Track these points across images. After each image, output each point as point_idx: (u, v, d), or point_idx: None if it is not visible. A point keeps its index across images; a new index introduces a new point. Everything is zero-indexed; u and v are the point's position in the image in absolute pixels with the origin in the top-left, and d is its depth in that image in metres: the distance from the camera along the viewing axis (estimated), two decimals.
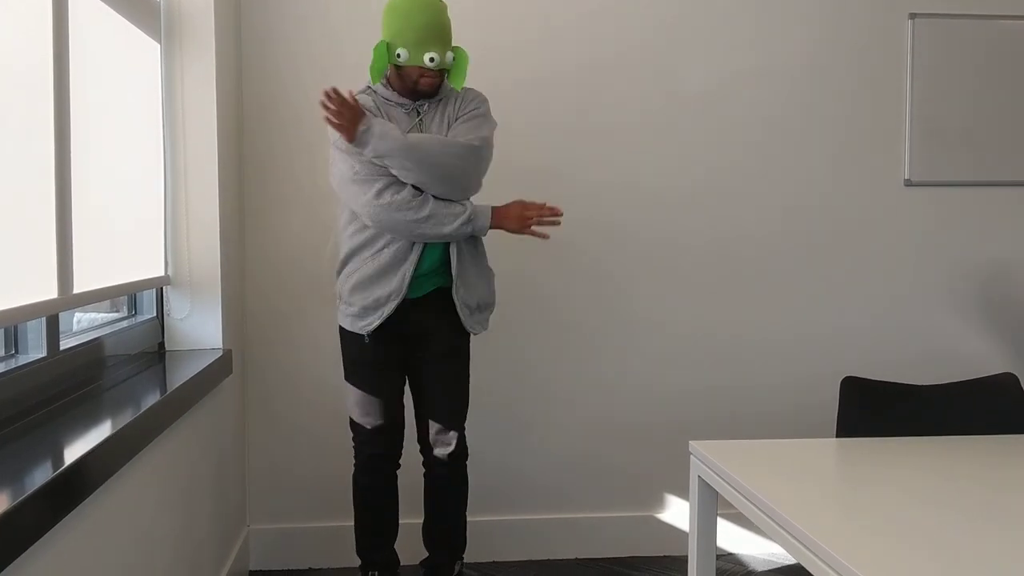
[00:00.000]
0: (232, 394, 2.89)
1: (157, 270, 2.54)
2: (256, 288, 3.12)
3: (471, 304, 2.52)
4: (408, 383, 2.64)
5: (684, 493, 3.28)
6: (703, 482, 1.89)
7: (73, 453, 1.42)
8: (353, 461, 2.65)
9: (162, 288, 2.62)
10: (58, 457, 1.41)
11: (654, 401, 3.29)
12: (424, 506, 2.68)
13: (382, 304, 2.47)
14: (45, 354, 1.77)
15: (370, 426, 2.56)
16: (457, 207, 2.45)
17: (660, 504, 3.31)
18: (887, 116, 3.35)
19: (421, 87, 2.45)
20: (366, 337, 2.50)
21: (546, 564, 3.18)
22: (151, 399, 1.90)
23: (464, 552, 2.72)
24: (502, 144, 2.61)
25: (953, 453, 1.89)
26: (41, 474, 1.30)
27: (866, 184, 3.36)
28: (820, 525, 1.43)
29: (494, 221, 2.50)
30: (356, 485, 2.64)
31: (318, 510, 3.15)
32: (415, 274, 2.46)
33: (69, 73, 1.79)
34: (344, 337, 2.60)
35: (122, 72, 2.26)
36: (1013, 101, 3.39)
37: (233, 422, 2.91)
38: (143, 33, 2.41)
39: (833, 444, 2.02)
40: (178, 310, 2.64)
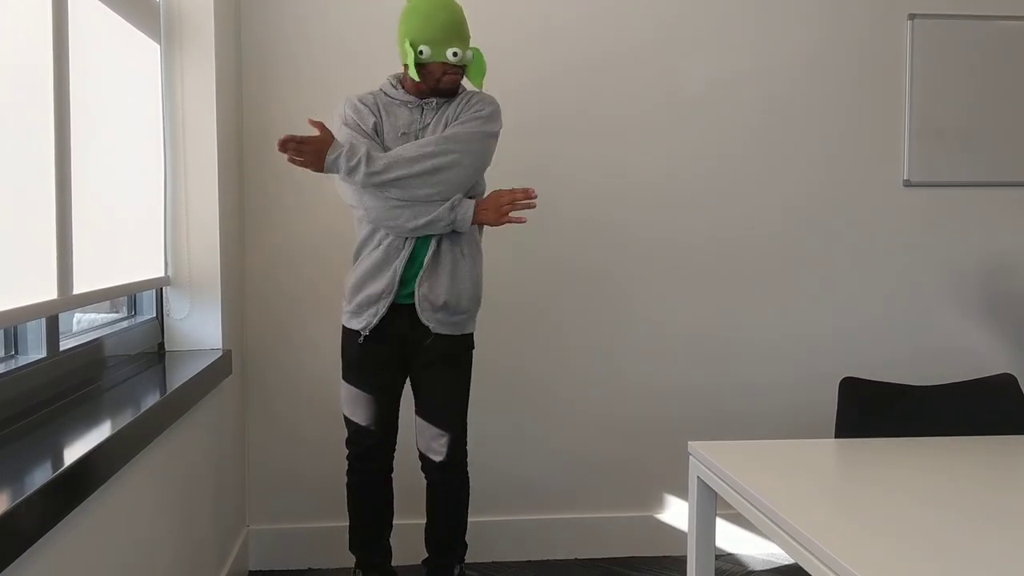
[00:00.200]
0: (232, 394, 2.89)
1: (157, 270, 2.54)
2: (256, 288, 3.13)
3: (435, 301, 2.46)
4: (410, 384, 2.64)
5: (683, 493, 3.29)
6: (702, 482, 1.89)
7: (73, 453, 1.42)
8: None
9: (162, 288, 2.62)
10: (58, 457, 1.41)
11: (653, 401, 3.29)
12: (425, 507, 2.68)
13: (374, 302, 2.47)
14: (45, 355, 1.77)
15: (361, 424, 2.56)
16: (433, 204, 2.41)
17: (659, 504, 3.31)
18: (886, 116, 3.36)
19: (444, 84, 2.45)
20: (360, 336, 2.51)
21: (546, 564, 3.18)
22: (151, 399, 1.90)
23: (464, 555, 2.72)
24: (502, 143, 2.61)
25: (952, 453, 1.90)
26: (41, 474, 1.30)
27: (865, 184, 3.36)
28: (819, 525, 1.43)
29: (474, 216, 2.46)
30: (348, 483, 2.65)
31: (317, 510, 3.16)
32: (407, 272, 2.46)
33: (69, 74, 1.79)
34: (344, 335, 2.60)
35: (122, 73, 2.26)
36: (1012, 101, 3.39)
37: (233, 422, 2.91)
38: (143, 34, 2.41)
39: (832, 444, 2.02)
40: (178, 310, 2.64)
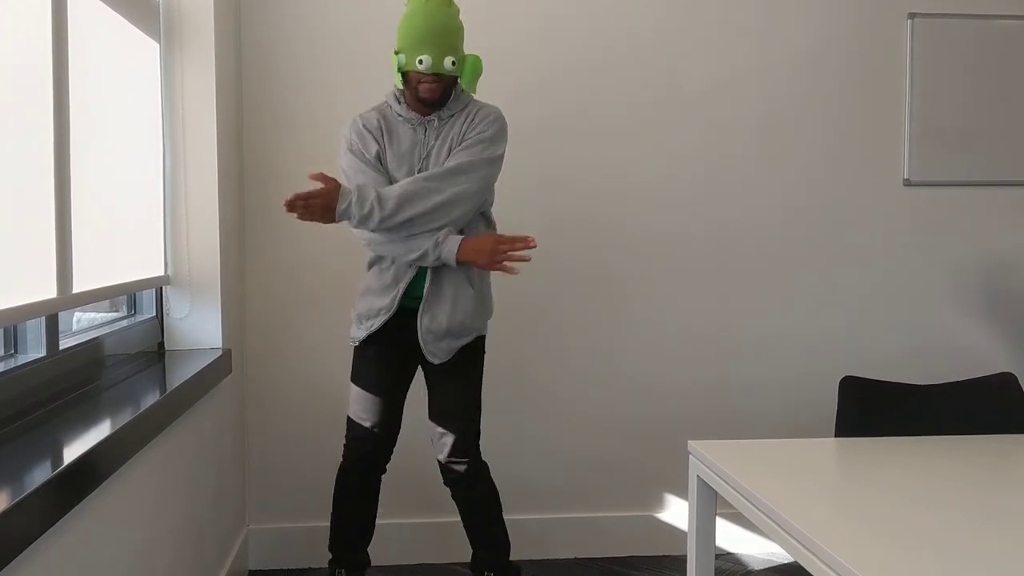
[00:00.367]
0: (232, 394, 2.89)
1: (157, 270, 2.54)
2: (256, 288, 3.13)
3: (436, 331, 2.46)
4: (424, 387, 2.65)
5: (683, 493, 3.28)
6: (702, 482, 1.89)
7: (72, 452, 1.42)
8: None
9: (162, 288, 2.62)
10: (57, 456, 1.41)
11: (653, 400, 3.29)
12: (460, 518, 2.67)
13: (373, 316, 2.51)
14: (44, 354, 1.77)
15: (363, 424, 2.56)
16: (423, 237, 2.37)
17: (659, 504, 3.31)
18: (886, 116, 3.36)
19: (421, 94, 2.40)
20: (357, 341, 2.55)
21: (546, 564, 3.18)
22: (150, 399, 1.90)
23: (505, 553, 2.65)
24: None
25: (952, 453, 1.89)
26: (40, 473, 1.30)
27: (865, 183, 3.36)
28: (819, 525, 1.43)
29: (461, 254, 2.36)
30: (339, 483, 2.64)
31: (317, 510, 3.15)
32: (409, 293, 2.48)
33: (68, 73, 1.79)
34: (352, 339, 2.62)
35: (121, 72, 2.26)
36: (1012, 101, 3.39)
37: (233, 422, 2.91)
38: (142, 33, 2.41)
39: (832, 444, 2.02)
40: (177, 310, 2.64)
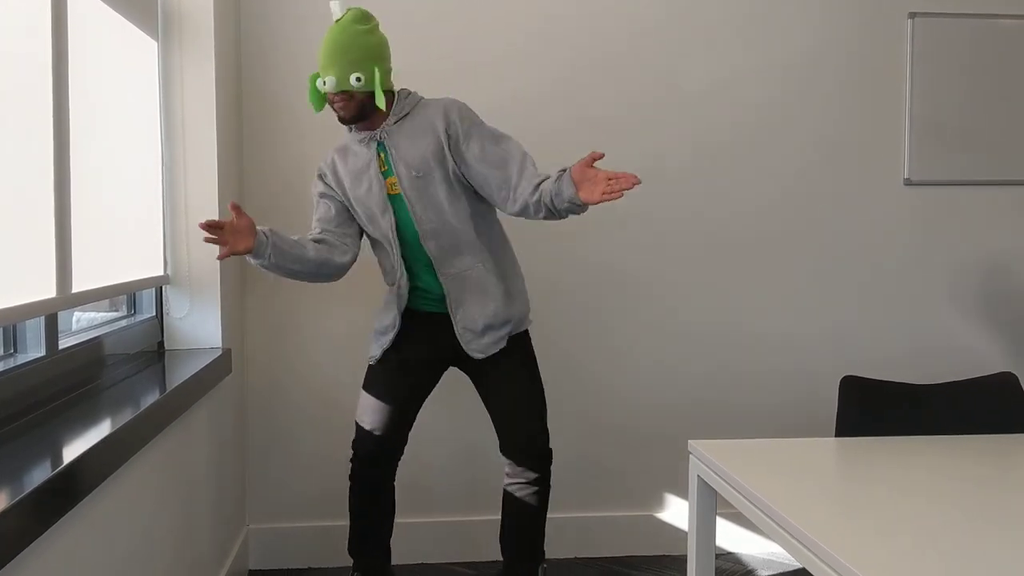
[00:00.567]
0: (231, 393, 2.89)
1: (156, 269, 2.53)
2: (256, 287, 3.12)
3: (473, 327, 2.49)
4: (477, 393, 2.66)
5: (683, 492, 3.28)
6: (702, 481, 1.89)
7: (72, 452, 1.42)
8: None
9: (161, 287, 2.62)
10: (57, 456, 1.40)
11: (653, 400, 3.29)
12: (502, 512, 2.67)
13: (384, 333, 2.56)
14: (44, 353, 1.77)
15: (369, 428, 2.56)
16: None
17: (659, 503, 3.31)
18: (886, 115, 3.35)
19: (336, 112, 2.40)
20: (370, 360, 2.59)
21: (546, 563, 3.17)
22: (150, 398, 1.90)
23: (538, 558, 2.67)
24: None
25: (952, 452, 1.89)
26: (40, 473, 1.29)
27: (865, 183, 3.36)
28: (819, 524, 1.43)
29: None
30: (351, 489, 2.64)
31: (317, 510, 3.15)
32: (432, 297, 2.53)
33: (68, 71, 1.79)
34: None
35: (120, 70, 2.26)
36: (1012, 101, 3.39)
37: (232, 421, 2.91)
38: (141, 31, 2.41)
39: (832, 443, 2.02)
40: (177, 309, 2.64)
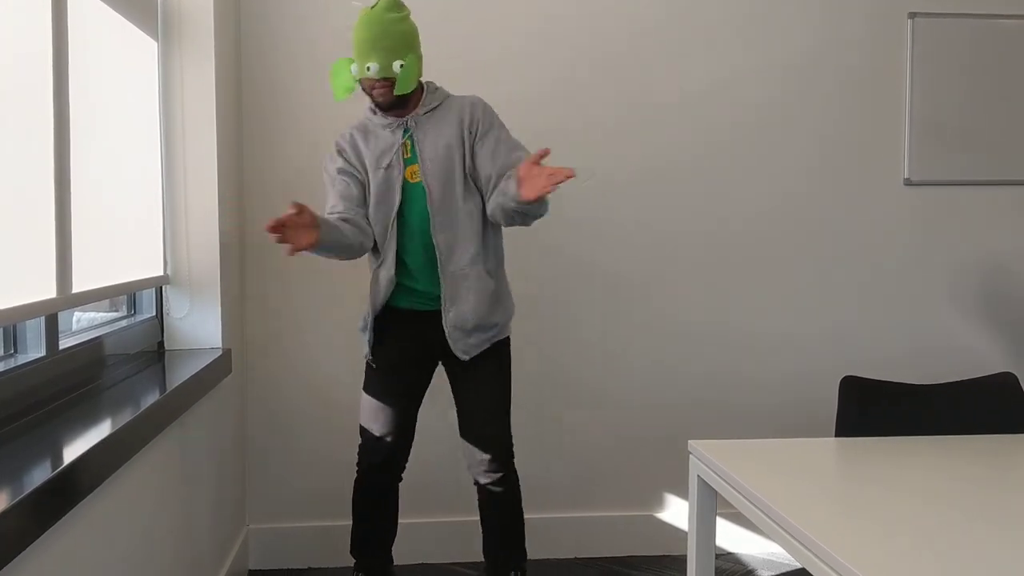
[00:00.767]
0: (231, 394, 2.89)
1: (156, 269, 2.53)
2: (256, 287, 3.12)
3: (463, 326, 2.47)
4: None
5: (683, 492, 3.28)
6: (702, 481, 1.89)
7: (72, 452, 1.42)
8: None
9: (161, 287, 2.62)
10: (57, 456, 1.40)
11: (653, 400, 3.29)
12: (480, 516, 2.67)
13: (363, 331, 2.56)
14: (44, 353, 1.77)
15: (375, 434, 2.56)
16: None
17: (659, 503, 3.31)
18: (886, 115, 3.35)
19: (375, 98, 2.44)
20: (368, 359, 2.58)
21: (546, 564, 3.18)
22: (150, 398, 1.90)
23: (518, 560, 2.65)
24: None
25: (952, 452, 1.89)
26: (40, 473, 1.29)
27: (865, 183, 3.36)
28: (819, 524, 1.43)
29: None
30: (356, 493, 2.64)
31: (317, 510, 3.15)
32: (427, 295, 2.50)
33: (68, 72, 1.79)
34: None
35: (120, 71, 2.26)
36: (1012, 101, 3.39)
37: (232, 422, 2.91)
38: (141, 31, 2.41)
39: (832, 443, 2.02)
40: (177, 309, 2.64)
